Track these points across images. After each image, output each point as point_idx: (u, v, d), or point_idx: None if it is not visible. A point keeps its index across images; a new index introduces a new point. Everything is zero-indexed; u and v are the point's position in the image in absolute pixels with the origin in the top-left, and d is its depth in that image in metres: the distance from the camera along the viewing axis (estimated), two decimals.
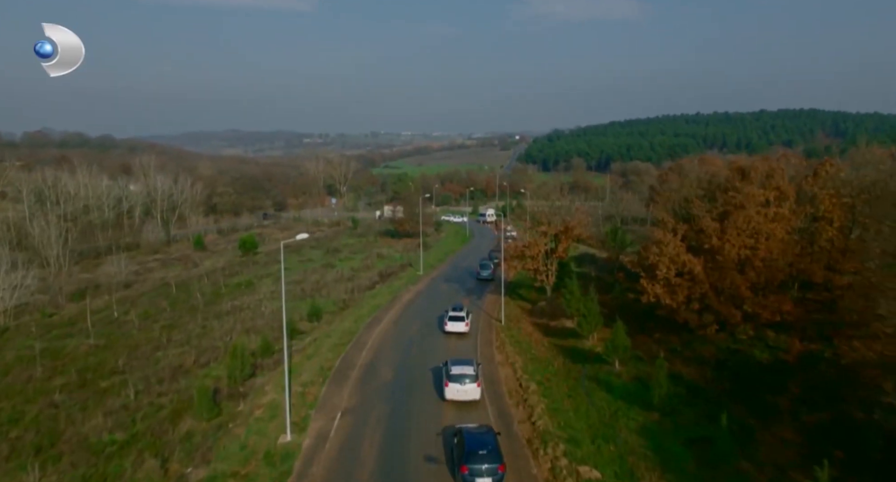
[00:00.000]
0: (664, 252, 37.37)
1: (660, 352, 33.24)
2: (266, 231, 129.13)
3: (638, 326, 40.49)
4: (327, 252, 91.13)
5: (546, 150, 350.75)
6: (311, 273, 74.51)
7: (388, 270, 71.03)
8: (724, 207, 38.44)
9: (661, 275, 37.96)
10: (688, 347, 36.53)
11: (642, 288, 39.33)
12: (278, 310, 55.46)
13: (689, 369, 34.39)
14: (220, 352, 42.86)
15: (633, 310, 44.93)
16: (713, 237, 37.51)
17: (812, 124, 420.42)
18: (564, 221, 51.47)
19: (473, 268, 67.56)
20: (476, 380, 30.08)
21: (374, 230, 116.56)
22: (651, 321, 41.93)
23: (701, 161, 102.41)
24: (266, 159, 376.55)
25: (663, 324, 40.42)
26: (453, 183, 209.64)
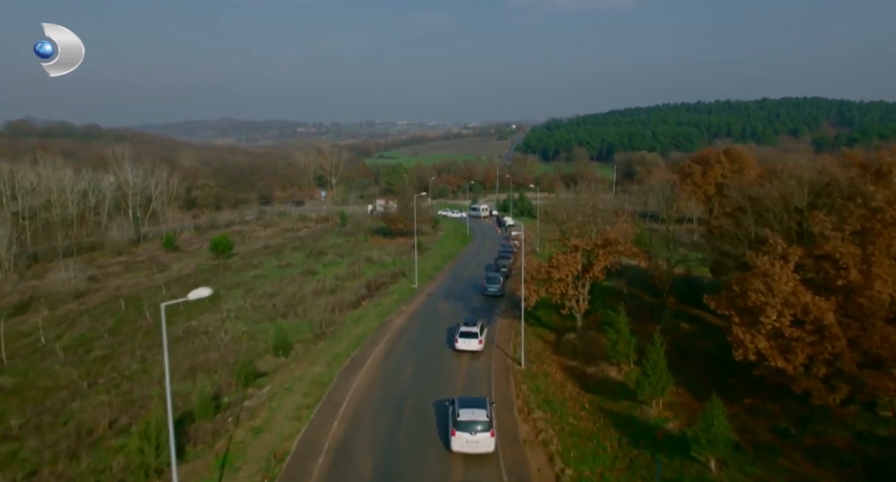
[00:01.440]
0: (774, 289, 25.90)
1: (767, 436, 23.13)
2: (247, 229, 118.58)
3: (710, 380, 29.83)
4: (310, 254, 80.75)
5: (545, 140, 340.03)
6: (289, 282, 64.19)
7: (378, 280, 60.77)
8: (862, 223, 26.45)
9: (768, 322, 26.29)
10: (803, 426, 25.74)
11: (736, 339, 27.49)
12: (241, 336, 45.47)
13: (823, 474, 22.64)
14: (154, 402, 32.71)
15: (695, 350, 34.45)
16: (852, 269, 26.02)
17: (816, 113, 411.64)
18: (602, 233, 41.11)
19: (478, 279, 57.46)
20: (490, 427, 24.58)
21: (364, 227, 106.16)
22: (731, 373, 30.71)
23: (727, 153, 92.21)
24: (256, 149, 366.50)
25: (753, 381, 29.18)
26: (450, 174, 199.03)
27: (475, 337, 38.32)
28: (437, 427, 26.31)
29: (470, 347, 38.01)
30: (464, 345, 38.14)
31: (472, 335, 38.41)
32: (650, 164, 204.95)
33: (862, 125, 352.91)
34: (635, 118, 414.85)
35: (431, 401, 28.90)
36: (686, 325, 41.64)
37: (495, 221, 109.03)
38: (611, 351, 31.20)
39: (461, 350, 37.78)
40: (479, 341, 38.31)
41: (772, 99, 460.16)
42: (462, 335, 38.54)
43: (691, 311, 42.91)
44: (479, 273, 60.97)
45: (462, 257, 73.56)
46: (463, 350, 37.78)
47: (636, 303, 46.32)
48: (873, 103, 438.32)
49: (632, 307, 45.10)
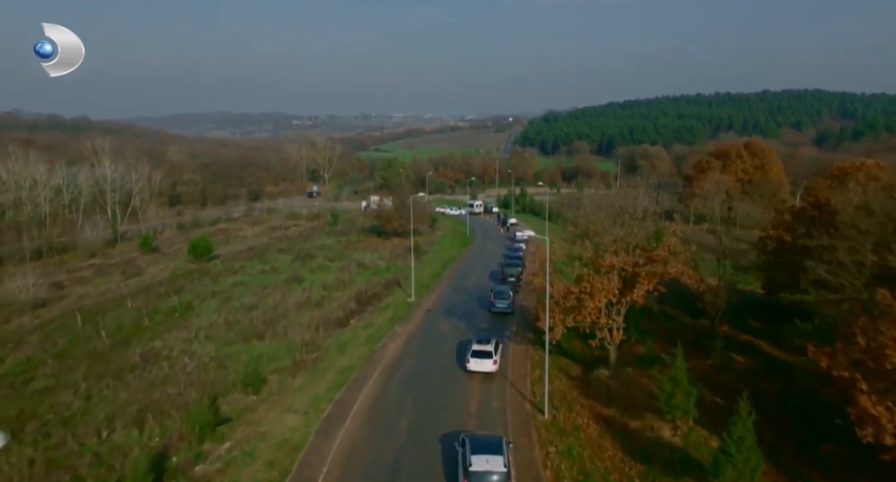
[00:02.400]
0: None
1: None
2: (233, 227, 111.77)
3: (797, 446, 22.88)
4: (297, 257, 74.09)
5: (544, 133, 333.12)
6: (271, 292, 57.59)
7: (370, 290, 54.20)
8: None
9: None
10: None
11: (863, 414, 19.52)
12: (208, 363, 38.91)
13: None
14: (84, 465, 26.18)
15: (762, 396, 26.95)
16: None
17: (819, 106, 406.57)
18: (644, 250, 34.21)
19: (482, 290, 50.94)
20: (509, 479, 21.39)
21: (357, 226, 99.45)
22: (821, 433, 23.81)
23: (749, 147, 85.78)
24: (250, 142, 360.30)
25: (860, 449, 20.97)
26: (447, 168, 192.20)
27: (489, 356, 33.68)
28: None
29: (483, 368, 33.39)
30: (476, 365, 33.51)
31: (486, 355, 33.75)
32: (654, 158, 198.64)
33: (865, 118, 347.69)
34: (635, 111, 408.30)
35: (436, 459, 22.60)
36: (741, 359, 34.97)
37: (497, 220, 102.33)
38: (664, 404, 24.56)
39: (473, 371, 33.21)
40: (494, 361, 33.58)
41: (773, 91, 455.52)
42: (475, 354, 33.83)
43: (741, 338, 36.47)
44: (483, 282, 54.41)
45: (463, 262, 66.89)
46: (475, 371, 33.23)
47: (673, 326, 39.93)
48: (875, 95, 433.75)
49: (668, 331, 38.55)
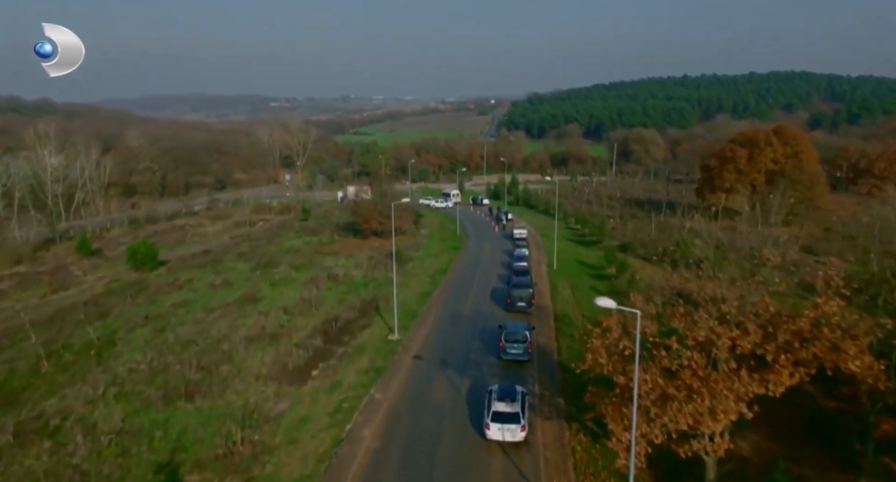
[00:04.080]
0: None
1: None
2: (192, 222, 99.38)
3: None
4: (258, 266, 62.45)
5: (529, 115, 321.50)
6: (220, 317, 46.09)
7: (342, 317, 42.92)
8: None
9: None
10: None
11: None
12: (108, 445, 27.59)
13: None
14: None
15: None
16: None
17: (807, 88, 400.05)
18: (781, 319, 19.80)
19: (486, 320, 39.95)
20: None
21: (332, 221, 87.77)
22: None
23: (779, 132, 75.25)
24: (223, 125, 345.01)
25: None
26: (430, 153, 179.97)
27: (516, 420, 24.93)
28: None
29: (508, 438, 24.68)
30: (498, 433, 24.76)
31: (512, 418, 24.98)
32: (648, 142, 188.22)
33: (854, 100, 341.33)
34: (622, 92, 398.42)
35: None
36: (830, 401, 24.65)
37: (490, 214, 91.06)
38: None
39: (495, 440, 24.60)
40: (523, 427, 24.95)
41: (759, 73, 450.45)
42: (496, 418, 24.98)
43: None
44: (484, 307, 43.29)
45: (457, 274, 55.46)
46: (497, 440, 24.61)
47: (788, 411, 28.70)
48: (863, 77, 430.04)
49: (779, 418, 26.86)
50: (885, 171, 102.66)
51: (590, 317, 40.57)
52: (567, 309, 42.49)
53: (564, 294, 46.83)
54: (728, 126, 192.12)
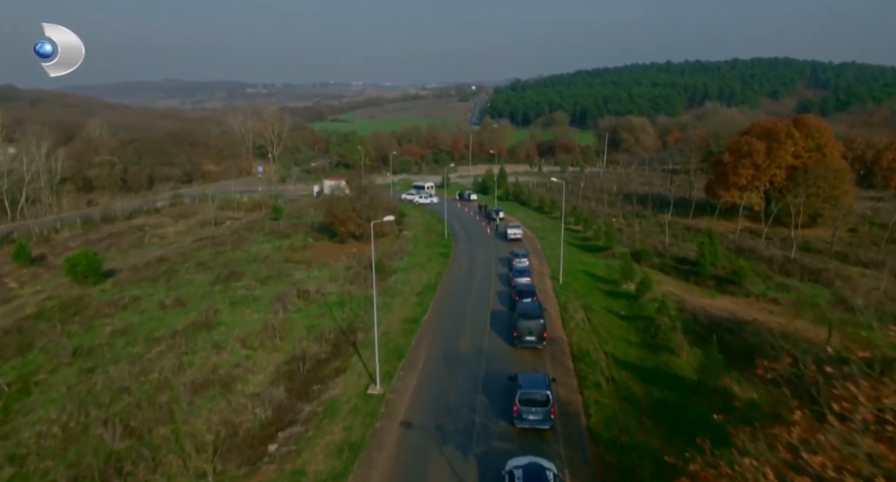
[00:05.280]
0: None
1: None
2: (153, 222, 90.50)
3: None
4: (219, 278, 54.31)
5: (513, 102, 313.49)
6: (165, 351, 38.08)
7: (312, 356, 35.21)
8: None
9: None
10: None
11: None
12: None
13: None
14: None
15: None
16: None
17: (791, 74, 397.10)
18: None
19: (489, 361, 32.52)
20: None
21: (306, 221, 79.58)
22: None
23: (799, 123, 68.31)
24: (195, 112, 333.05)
25: None
26: (412, 143, 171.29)
27: None
28: None
29: None
30: None
31: None
32: (638, 131, 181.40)
33: (839, 87, 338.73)
34: (606, 79, 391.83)
35: None
36: None
37: (480, 212, 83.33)
38: None
39: None
40: None
41: (743, 59, 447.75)
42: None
43: None
44: (485, 342, 35.48)
45: (448, 291, 47.42)
46: None
47: None
48: (845, 64, 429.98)
49: None
50: (893, 163, 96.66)
51: (615, 353, 33.27)
52: (585, 342, 35.10)
53: (577, 318, 39.43)
54: (718, 113, 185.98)
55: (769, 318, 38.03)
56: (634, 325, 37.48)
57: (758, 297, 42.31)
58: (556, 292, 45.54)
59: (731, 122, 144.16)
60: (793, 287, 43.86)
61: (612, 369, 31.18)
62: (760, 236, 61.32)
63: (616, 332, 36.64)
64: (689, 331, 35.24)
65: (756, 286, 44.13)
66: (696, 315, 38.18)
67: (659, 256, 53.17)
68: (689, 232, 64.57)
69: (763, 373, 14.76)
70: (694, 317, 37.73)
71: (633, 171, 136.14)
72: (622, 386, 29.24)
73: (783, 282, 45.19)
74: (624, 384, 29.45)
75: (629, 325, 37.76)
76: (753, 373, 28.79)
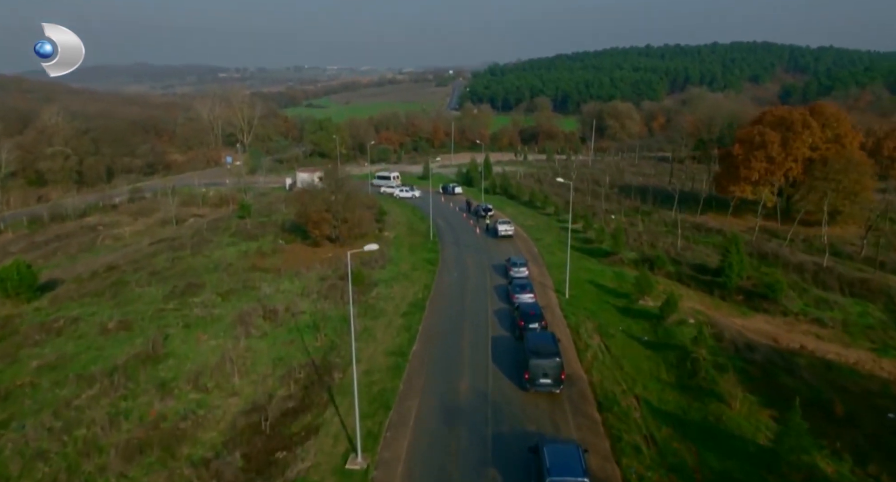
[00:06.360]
0: None
1: None
2: (108, 220, 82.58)
3: None
4: (173, 293, 47.37)
5: (493, 87, 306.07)
6: (96, 397, 31.35)
7: (278, 405, 28.77)
8: None
9: None
10: None
11: None
12: None
13: None
14: None
15: None
16: None
17: (771, 58, 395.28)
18: None
19: (499, 411, 26.51)
20: None
21: (275, 221, 72.49)
22: None
23: (816, 112, 62.77)
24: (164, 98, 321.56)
25: None
26: (390, 130, 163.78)
27: None
28: None
29: None
30: None
31: None
32: (623, 117, 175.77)
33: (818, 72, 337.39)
34: (587, 63, 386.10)
35: None
36: None
37: (467, 208, 76.83)
38: None
39: None
40: None
41: (722, 43, 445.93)
42: None
43: None
44: (490, 384, 29.25)
45: (438, 310, 40.56)
46: None
47: None
48: (823, 49, 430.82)
49: None
50: (894, 152, 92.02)
51: (649, 399, 27.29)
52: (609, 381, 29.07)
53: (594, 346, 33.40)
54: (704, 99, 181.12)
55: (819, 346, 32.41)
56: (663, 357, 31.51)
57: (797, 316, 36.62)
58: (563, 310, 39.44)
59: (721, 108, 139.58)
60: (834, 303, 38.29)
61: (649, 423, 25.20)
62: (777, 236, 55.85)
63: (643, 367, 30.63)
64: (735, 368, 29.32)
65: (792, 302, 38.44)
66: (737, 344, 32.27)
67: (674, 263, 47.25)
68: (699, 232, 58.86)
69: None
70: (735, 348, 31.81)
71: (622, 159, 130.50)
72: (667, 450, 23.26)
73: (822, 296, 39.59)
74: (668, 447, 23.48)
75: (656, 356, 31.78)
76: (838, 434, 23.18)
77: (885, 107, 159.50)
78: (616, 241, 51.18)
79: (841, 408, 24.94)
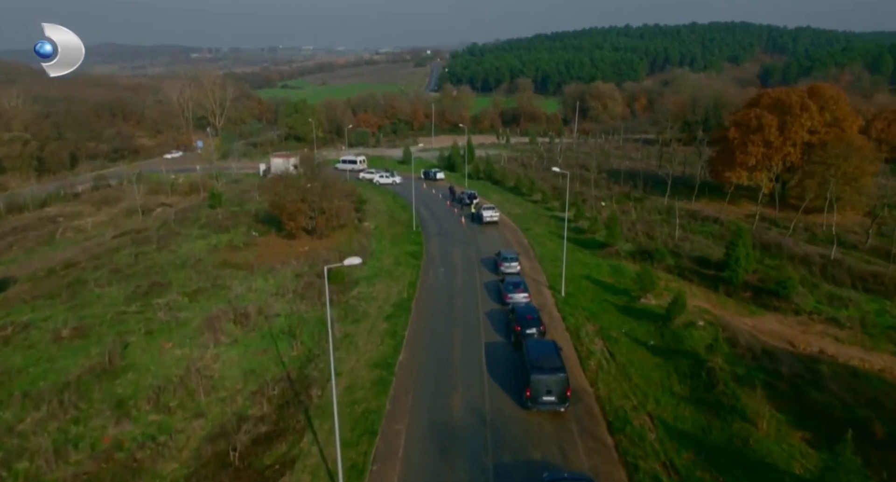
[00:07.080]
0: None
1: None
2: (69, 211, 77.78)
3: None
4: (136, 293, 43.65)
5: (472, 68, 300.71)
6: (43, 421, 27.90)
7: (248, 430, 25.47)
8: None
9: None
10: None
11: None
12: None
13: None
14: None
15: None
16: None
17: (749, 39, 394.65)
18: None
19: (497, 433, 23.49)
20: None
21: (248, 210, 68.57)
22: None
23: (814, 93, 60.26)
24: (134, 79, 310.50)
25: None
26: (368, 112, 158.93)
27: None
28: None
29: None
30: None
31: None
32: (606, 98, 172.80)
33: (796, 52, 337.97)
34: (566, 43, 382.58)
35: None
36: None
37: (451, 196, 73.32)
38: None
39: None
40: None
41: (701, 23, 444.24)
42: None
43: None
44: (486, 400, 26.38)
45: (426, 311, 37.35)
46: None
47: None
48: (801, 29, 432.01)
49: None
50: (882, 134, 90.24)
51: (663, 417, 24.53)
52: (617, 396, 26.28)
53: (597, 353, 30.59)
54: (686, 79, 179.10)
55: (839, 350, 29.91)
56: (674, 365, 28.79)
57: (811, 315, 34.09)
58: (560, 310, 36.56)
59: (704, 89, 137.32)
60: (848, 300, 35.87)
61: (667, 447, 22.45)
62: (777, 224, 53.55)
63: (653, 377, 27.88)
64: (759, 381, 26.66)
65: (804, 299, 35.91)
66: (753, 350, 29.62)
67: (674, 256, 44.57)
68: (695, 220, 56.31)
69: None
70: (753, 356, 29.15)
71: (606, 141, 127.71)
72: (691, 481, 20.50)
73: (834, 292, 37.17)
74: (692, 476, 20.75)
75: (666, 365, 29.05)
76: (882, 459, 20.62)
77: (865, 87, 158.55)
78: (611, 231, 48.37)
79: (881, 428, 22.42)
